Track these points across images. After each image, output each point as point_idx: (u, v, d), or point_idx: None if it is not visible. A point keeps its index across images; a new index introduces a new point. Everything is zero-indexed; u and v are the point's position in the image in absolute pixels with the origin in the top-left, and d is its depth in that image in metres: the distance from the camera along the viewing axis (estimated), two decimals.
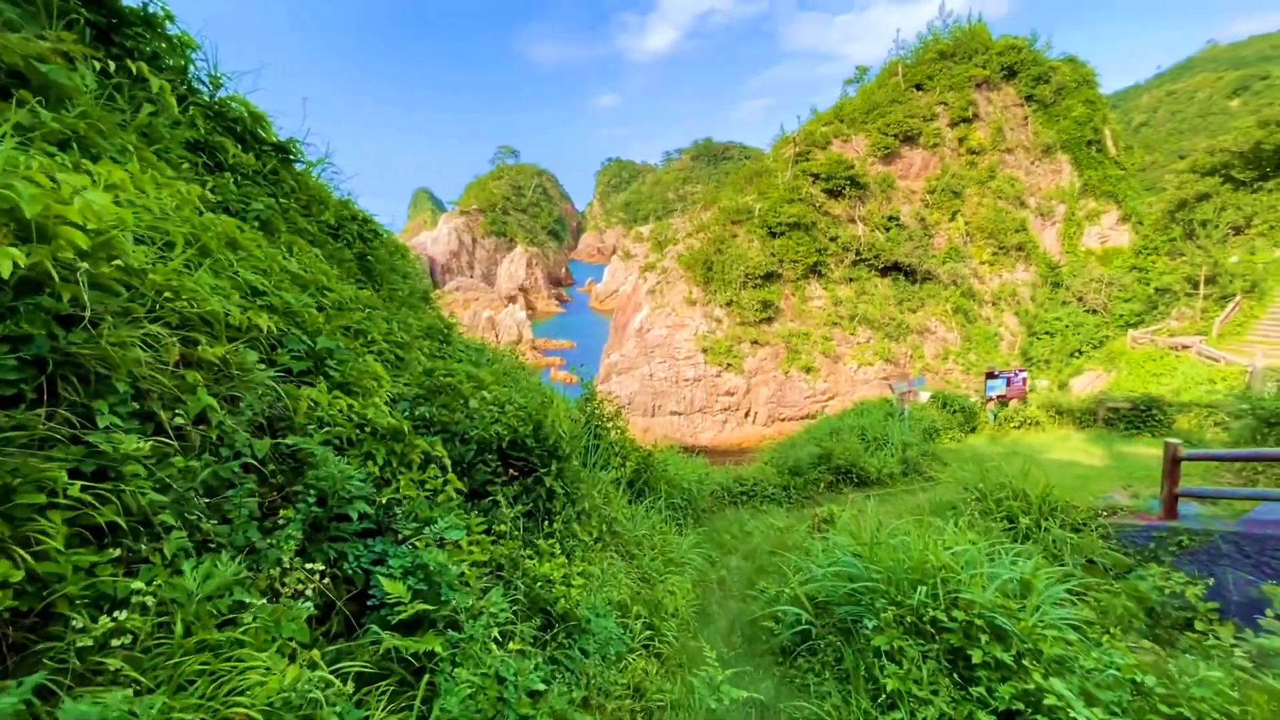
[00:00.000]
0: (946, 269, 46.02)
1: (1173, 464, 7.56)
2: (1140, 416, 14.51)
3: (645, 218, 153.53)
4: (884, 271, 45.28)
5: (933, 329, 44.52)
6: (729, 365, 40.06)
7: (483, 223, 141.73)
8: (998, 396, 15.39)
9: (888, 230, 45.92)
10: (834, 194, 45.76)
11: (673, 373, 40.34)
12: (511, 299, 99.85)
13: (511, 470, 4.21)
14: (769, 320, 41.77)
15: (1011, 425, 14.93)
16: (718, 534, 7.90)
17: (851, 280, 44.17)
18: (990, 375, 15.37)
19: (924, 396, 15.03)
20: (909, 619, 4.22)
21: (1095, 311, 43.41)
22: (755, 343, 40.84)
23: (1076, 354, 31.41)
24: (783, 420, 40.80)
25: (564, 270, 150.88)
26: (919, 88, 51.10)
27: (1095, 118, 49.35)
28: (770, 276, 42.46)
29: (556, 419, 4.48)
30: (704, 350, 40.31)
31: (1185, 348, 23.66)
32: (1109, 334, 33.89)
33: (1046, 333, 37.23)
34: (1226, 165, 33.30)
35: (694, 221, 49.31)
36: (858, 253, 44.31)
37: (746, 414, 40.62)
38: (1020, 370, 15.28)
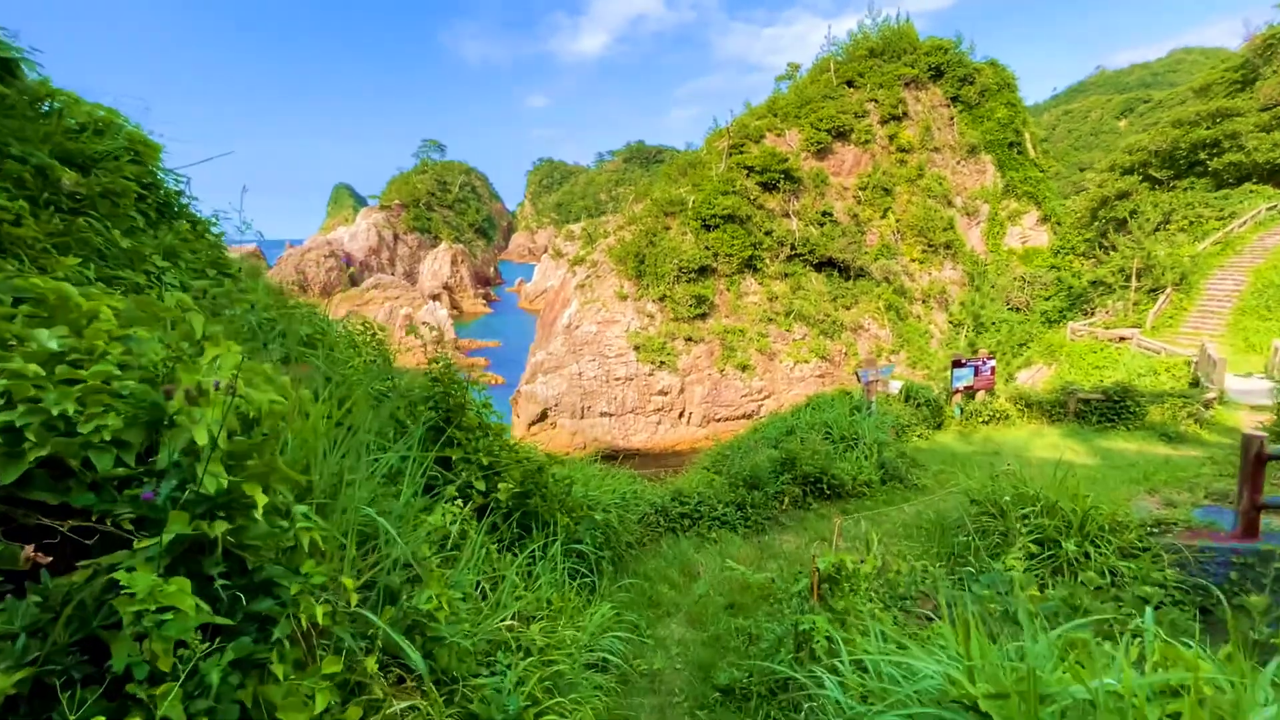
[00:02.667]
0: (879, 265, 45.71)
1: (1256, 465, 5.62)
2: (1113, 409, 13.19)
3: (577, 218, 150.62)
4: (818, 267, 44.44)
5: (866, 326, 44.02)
6: (662, 363, 37.93)
7: (405, 218, 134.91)
8: (965, 388, 13.78)
9: (821, 225, 45.18)
10: (768, 187, 44.56)
11: (603, 371, 37.81)
12: (435, 297, 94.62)
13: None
14: (703, 316, 39.96)
15: (979, 419, 13.35)
16: (650, 584, 5.54)
17: (786, 275, 43.02)
18: (957, 364, 13.69)
19: (895, 387, 13.19)
20: None
21: (1018, 309, 44.14)
22: (689, 340, 38.90)
23: (1022, 347, 31.11)
24: (719, 421, 39.03)
25: (493, 270, 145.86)
26: (850, 85, 50.88)
27: (1016, 120, 50.52)
28: (704, 270, 40.67)
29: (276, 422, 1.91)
30: (636, 348, 38.01)
31: (1124, 339, 23.28)
32: (1034, 330, 33.95)
33: (993, 323, 37.02)
34: (1145, 164, 34.10)
35: (626, 214, 47.08)
36: (792, 247, 43.23)
37: (681, 414, 38.60)
38: (989, 358, 13.76)
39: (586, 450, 37.21)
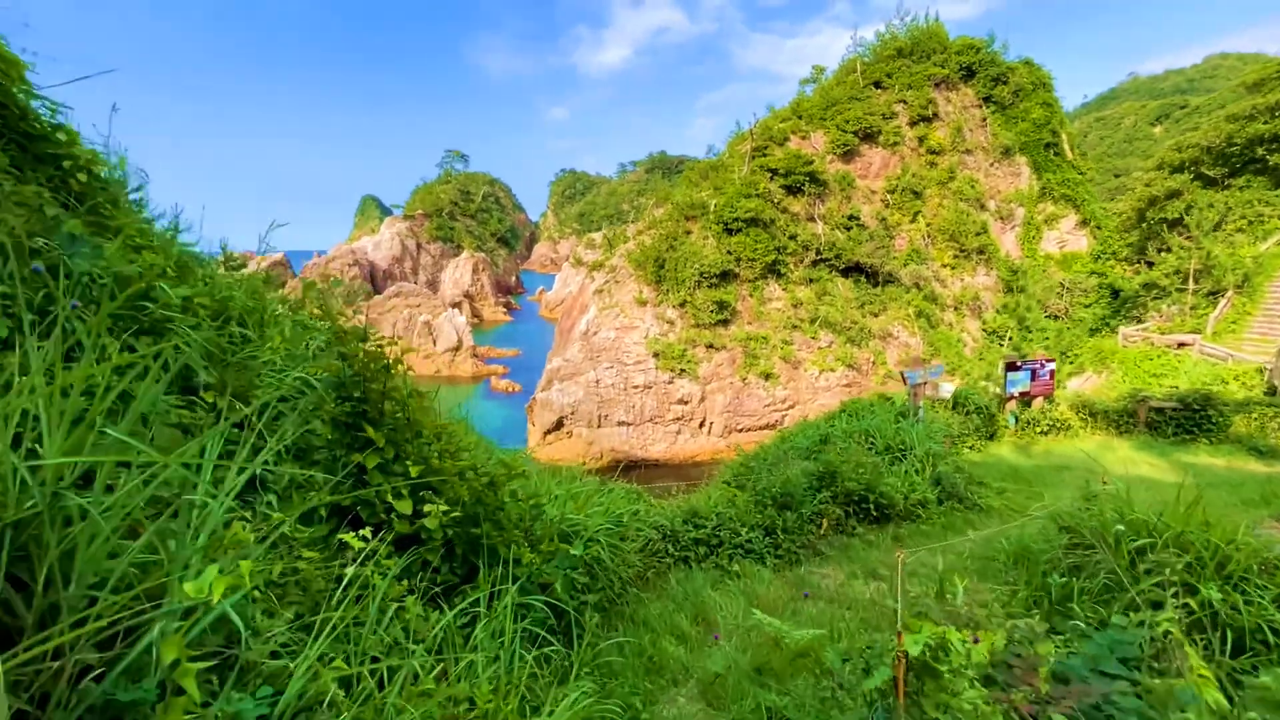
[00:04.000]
0: (908, 271, 43.95)
1: None
2: (1192, 419, 11.59)
3: (599, 228, 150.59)
4: (845, 272, 42.86)
5: (895, 334, 42.24)
6: (682, 371, 36.61)
7: (428, 228, 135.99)
8: (1020, 394, 12.25)
9: (848, 230, 43.61)
10: (792, 190, 43.18)
11: (621, 379, 36.62)
12: (456, 305, 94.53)
13: None
14: (725, 322, 38.60)
15: (1037, 430, 11.83)
16: (652, 636, 4.28)
17: (811, 281, 41.50)
18: (1012, 367, 12.10)
19: (946, 390, 11.63)
20: None
21: (1056, 317, 42.02)
22: (710, 346, 37.55)
23: (1064, 355, 29.15)
24: (740, 431, 37.54)
25: (515, 279, 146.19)
26: (878, 85, 49.35)
27: (1053, 120, 48.48)
28: (726, 276, 39.36)
29: None
30: (655, 354, 36.77)
31: (1183, 346, 21.43)
32: (1080, 337, 31.92)
33: (1040, 328, 34.98)
34: (1196, 161, 32.03)
35: (646, 218, 46.05)
36: (818, 252, 41.73)
37: (701, 424, 37.20)
38: (1047, 360, 12.18)
39: (602, 460, 36.00)
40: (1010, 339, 35.66)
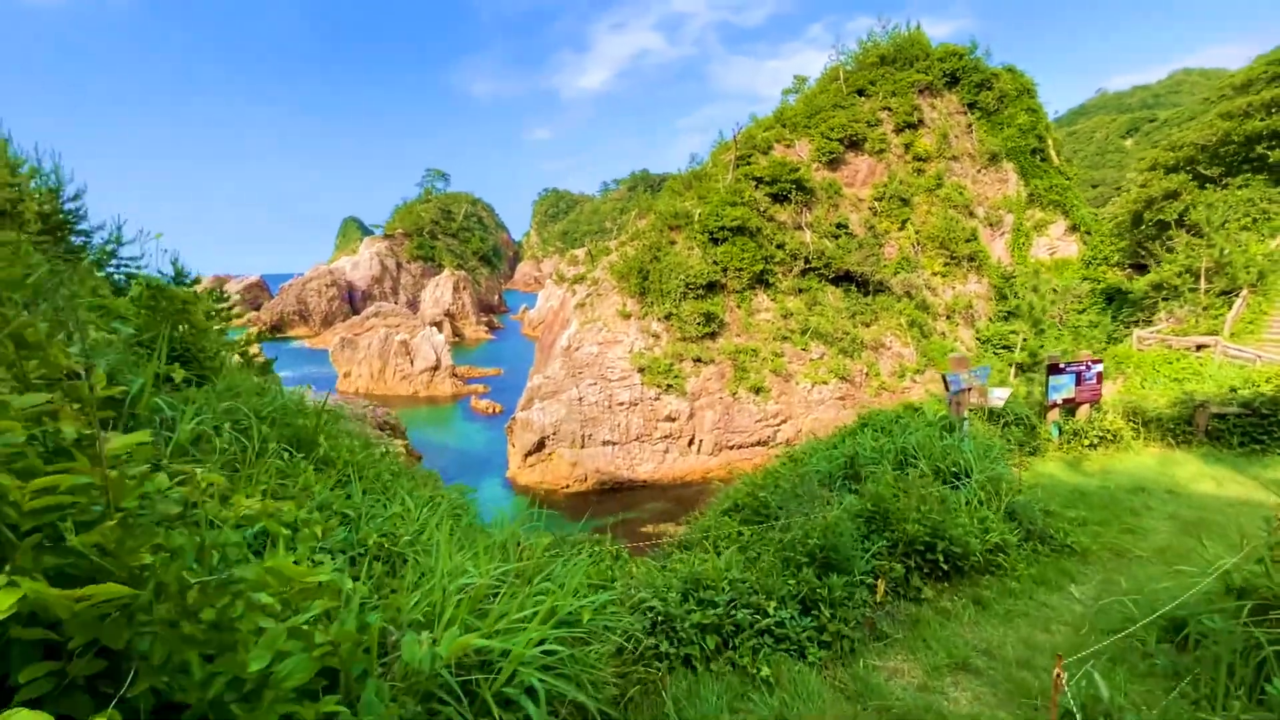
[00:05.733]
0: (899, 279, 42.78)
1: None
2: (1260, 426, 10.04)
3: (583, 246, 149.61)
4: (835, 281, 41.55)
5: (888, 344, 40.88)
6: (669, 386, 34.84)
7: (408, 247, 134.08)
8: (1064, 400, 10.59)
9: (836, 238, 42.41)
10: (779, 199, 41.95)
11: (605, 396, 34.76)
12: (436, 325, 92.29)
13: None
14: (712, 335, 36.96)
15: (1084, 442, 10.19)
16: None
17: (801, 291, 40.11)
18: (1054, 369, 10.39)
19: (998, 397, 9.80)
20: None
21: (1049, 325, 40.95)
22: (698, 360, 35.85)
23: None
24: (732, 448, 35.78)
25: (498, 298, 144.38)
26: (861, 93, 48.63)
27: (1038, 126, 47.99)
28: (713, 287, 37.81)
29: None
30: (640, 370, 34.98)
31: (1202, 347, 20.10)
32: (1094, 339, 30.65)
33: (1056, 331, 33.60)
34: (1192, 160, 31.19)
35: (629, 229, 44.59)
36: (806, 260, 40.40)
37: (690, 442, 35.37)
38: (1094, 361, 10.55)
39: (587, 483, 34.02)
40: (1025, 341, 34.23)
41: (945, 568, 5.52)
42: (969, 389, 8.45)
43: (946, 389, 8.46)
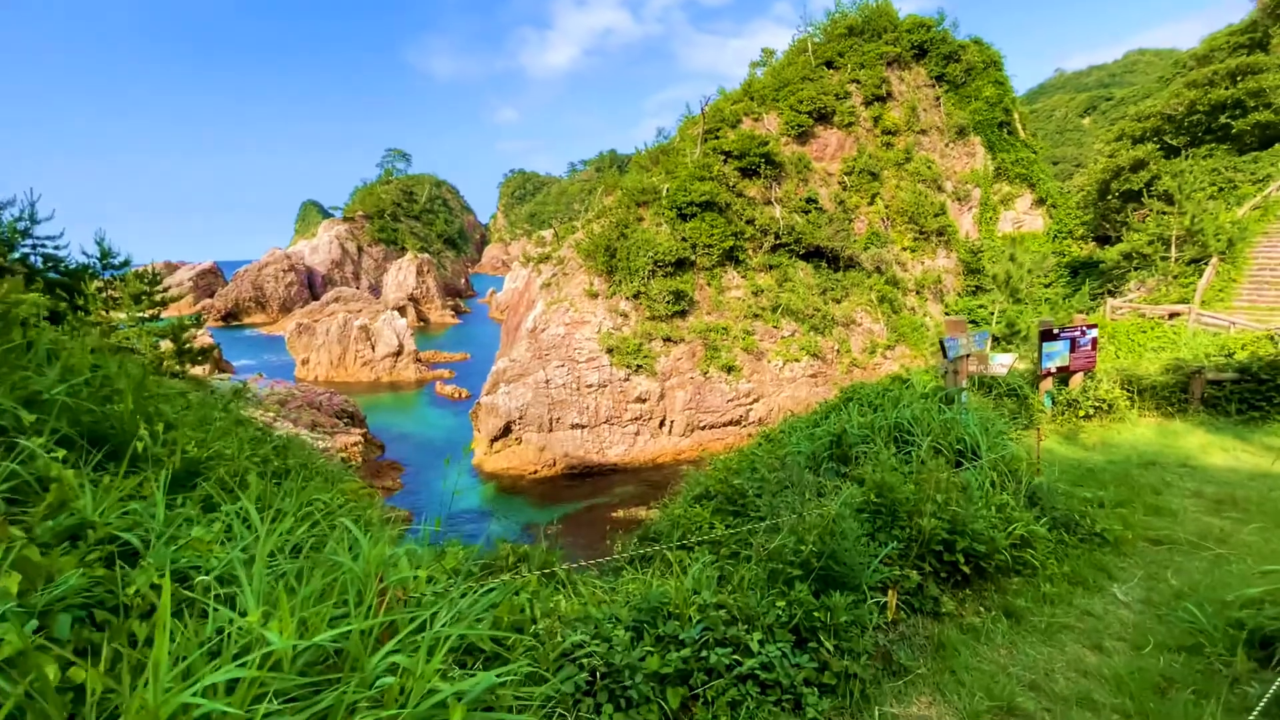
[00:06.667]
0: (869, 255, 42.35)
1: None
2: (1258, 392, 9.48)
3: (551, 228, 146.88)
4: (805, 257, 40.92)
5: (859, 320, 40.53)
6: (639, 367, 33.88)
7: (369, 230, 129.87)
8: (1057, 369, 9.88)
9: (806, 213, 41.67)
10: (748, 173, 40.98)
11: (573, 378, 33.66)
12: (400, 309, 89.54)
13: None
14: (682, 314, 36.06)
15: (1078, 413, 9.53)
16: None
17: (771, 267, 39.38)
18: (1048, 334, 9.66)
19: (1001, 364, 8.97)
20: None
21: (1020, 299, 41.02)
22: (668, 340, 34.94)
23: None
24: (704, 429, 35.09)
25: (464, 281, 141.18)
26: (830, 65, 47.71)
27: (1005, 99, 47.72)
28: (682, 264, 36.82)
29: None
30: (609, 350, 33.94)
31: (1175, 316, 19.87)
32: (1071, 308, 30.47)
33: (1032, 300, 33.30)
34: (1159, 130, 31.10)
35: (595, 206, 43.20)
36: (776, 236, 39.62)
37: (661, 423, 34.56)
38: (1088, 326, 9.86)
39: (555, 468, 33.00)
40: (1003, 312, 33.96)
41: (966, 570, 4.49)
42: (967, 355, 7.63)
43: (944, 355, 7.61)
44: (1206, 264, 22.26)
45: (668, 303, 35.29)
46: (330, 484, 5.46)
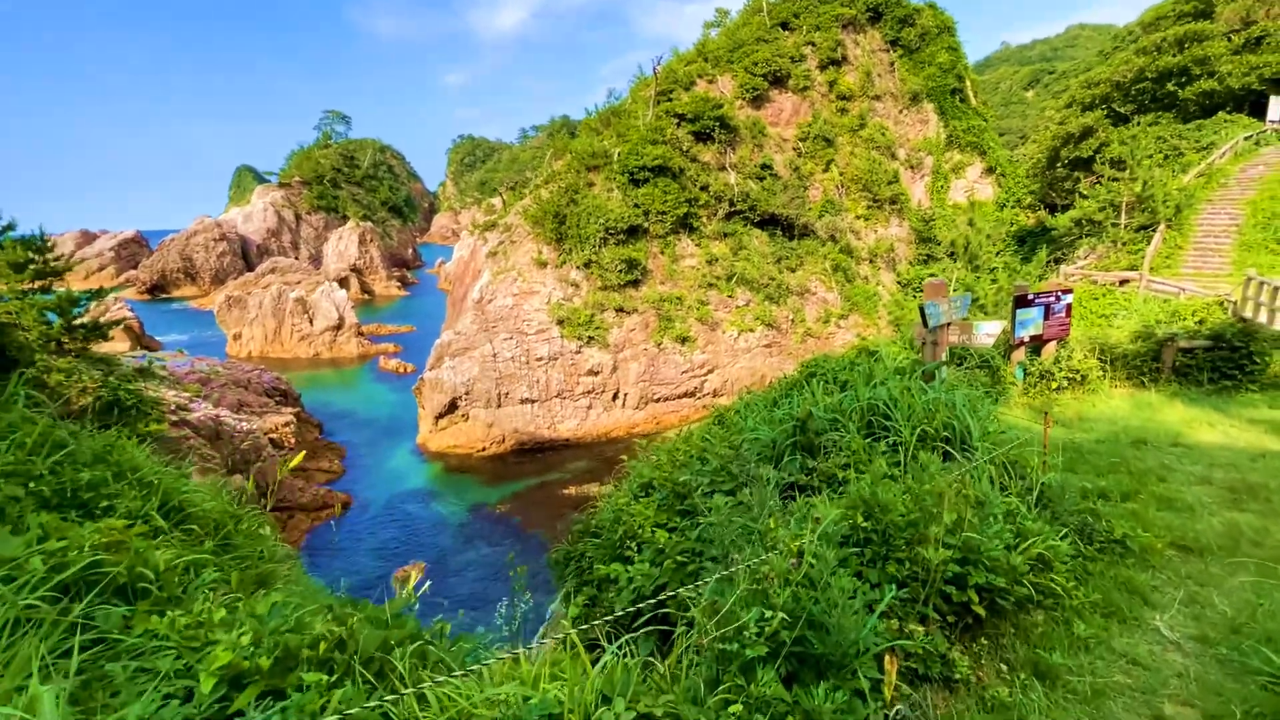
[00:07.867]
0: (824, 223, 41.85)
1: None
2: (1230, 360, 9.06)
3: (499, 195, 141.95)
4: (760, 225, 40.10)
5: (813, 289, 40.14)
6: (590, 339, 32.69)
7: (308, 196, 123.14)
8: (1030, 338, 9.20)
9: (761, 180, 40.75)
10: (702, 137, 39.66)
11: (522, 351, 32.23)
12: (341, 281, 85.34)
13: None
14: (635, 283, 34.88)
15: (1051, 385, 8.91)
16: None
17: (726, 235, 38.43)
18: (1022, 301, 8.92)
19: (987, 333, 8.09)
20: None
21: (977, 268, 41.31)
22: (620, 310, 33.79)
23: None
24: (658, 401, 34.29)
25: (411, 251, 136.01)
26: (785, 27, 46.46)
27: (958, 65, 47.50)
28: (634, 231, 35.50)
29: None
30: (559, 322, 32.59)
31: (1126, 282, 19.86)
32: (1028, 274, 30.61)
33: (990, 268, 33.24)
34: (1107, 98, 31.19)
35: (544, 171, 41.22)
36: (731, 203, 38.61)
37: (615, 396, 33.59)
38: (1065, 291, 9.20)
39: (505, 445, 31.74)
40: (960, 271, 33.87)
41: (980, 611, 3.42)
42: (947, 324, 6.78)
43: (924, 324, 6.73)
44: (1155, 231, 22.39)
45: (620, 272, 34.03)
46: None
